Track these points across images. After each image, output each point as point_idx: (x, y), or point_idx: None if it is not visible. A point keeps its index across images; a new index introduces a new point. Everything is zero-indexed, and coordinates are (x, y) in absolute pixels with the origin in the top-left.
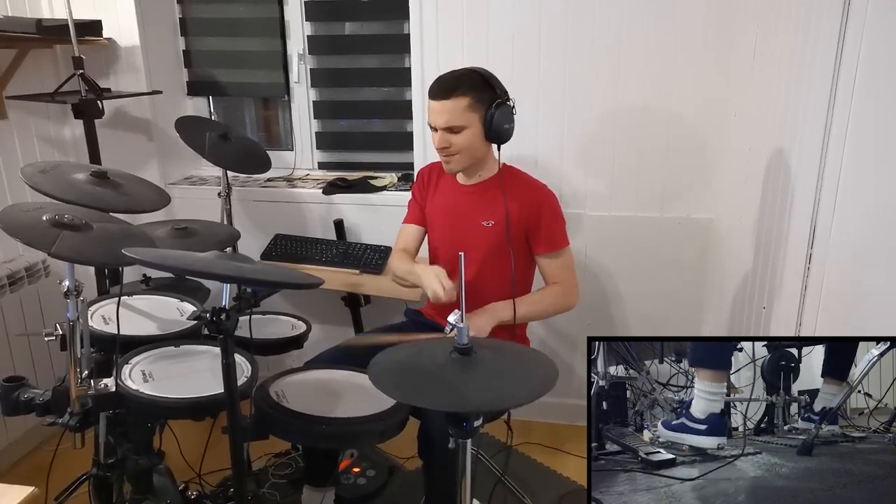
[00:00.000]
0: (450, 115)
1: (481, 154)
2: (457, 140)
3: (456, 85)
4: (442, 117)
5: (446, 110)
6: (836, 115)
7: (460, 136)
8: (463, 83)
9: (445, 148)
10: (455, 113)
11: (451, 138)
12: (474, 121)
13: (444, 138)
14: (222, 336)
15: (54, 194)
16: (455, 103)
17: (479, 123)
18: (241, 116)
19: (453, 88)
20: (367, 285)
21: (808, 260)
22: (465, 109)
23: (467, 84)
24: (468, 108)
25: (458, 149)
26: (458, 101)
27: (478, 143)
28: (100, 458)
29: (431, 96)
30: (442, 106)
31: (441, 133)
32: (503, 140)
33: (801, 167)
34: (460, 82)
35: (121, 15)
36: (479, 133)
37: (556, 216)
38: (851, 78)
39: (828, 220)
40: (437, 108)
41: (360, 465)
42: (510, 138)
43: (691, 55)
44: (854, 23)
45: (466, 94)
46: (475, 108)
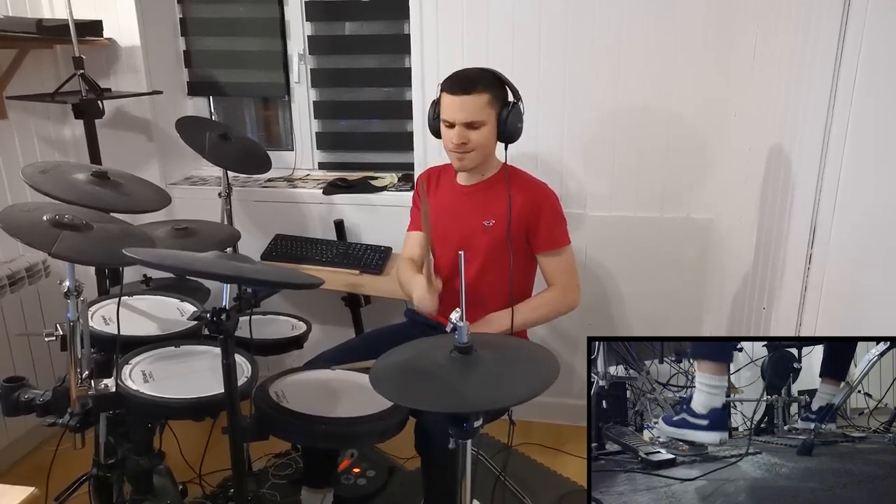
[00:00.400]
0: (471, 110)
1: (492, 152)
2: (474, 136)
3: (477, 81)
4: (463, 112)
5: (468, 106)
6: (836, 115)
7: (478, 132)
8: (483, 80)
9: (463, 144)
10: (476, 108)
11: (470, 134)
12: (492, 118)
13: (463, 134)
14: (222, 336)
15: (54, 194)
16: (476, 99)
17: (495, 120)
18: (242, 116)
19: (474, 84)
20: (367, 285)
21: (808, 260)
22: (485, 105)
23: (487, 81)
24: (488, 104)
25: (475, 145)
26: (479, 96)
27: (492, 141)
28: (100, 459)
29: (451, 91)
30: (463, 101)
31: (459, 128)
32: (513, 140)
33: (801, 167)
34: (480, 79)
35: (121, 15)
36: (494, 130)
37: (556, 215)
38: (851, 78)
39: (828, 220)
40: (458, 104)
41: (360, 465)
42: (519, 139)
43: (691, 55)
44: (854, 23)
45: (486, 90)
46: (493, 105)
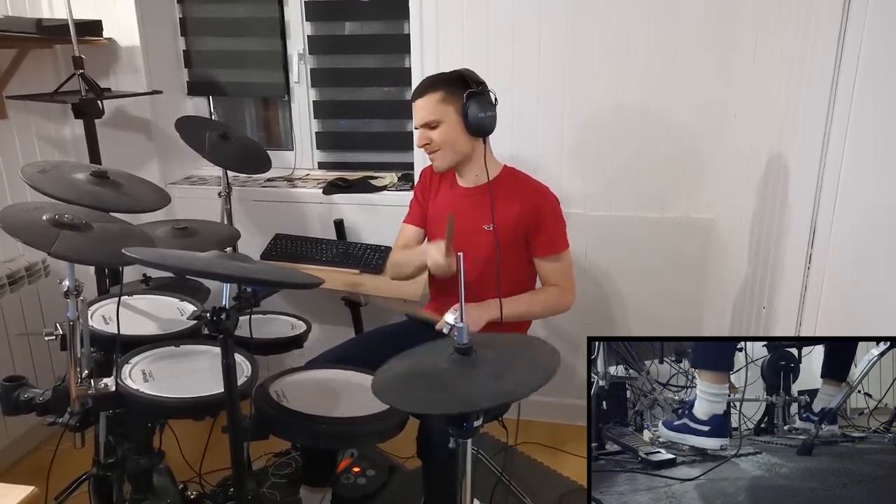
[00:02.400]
0: (423, 111)
1: (465, 149)
2: (435, 135)
3: (429, 83)
4: (418, 115)
5: (420, 107)
6: (836, 115)
7: (437, 131)
8: (436, 81)
9: (427, 145)
10: (428, 109)
11: (429, 134)
12: (449, 113)
13: (423, 135)
14: (222, 336)
15: (54, 194)
16: (428, 99)
17: (455, 115)
18: (241, 116)
19: (427, 86)
20: (367, 285)
21: (808, 260)
22: (437, 103)
23: (440, 80)
24: (440, 101)
25: (438, 144)
26: (430, 96)
27: (457, 137)
28: (100, 458)
29: (411, 99)
30: (417, 105)
31: (420, 130)
32: (486, 131)
33: (800, 167)
34: (434, 80)
35: (121, 15)
36: (456, 126)
37: (556, 219)
38: (851, 78)
39: (828, 220)
40: (415, 108)
41: (360, 465)
42: (493, 129)
43: (691, 55)
44: (854, 23)
45: (438, 89)
46: (448, 101)
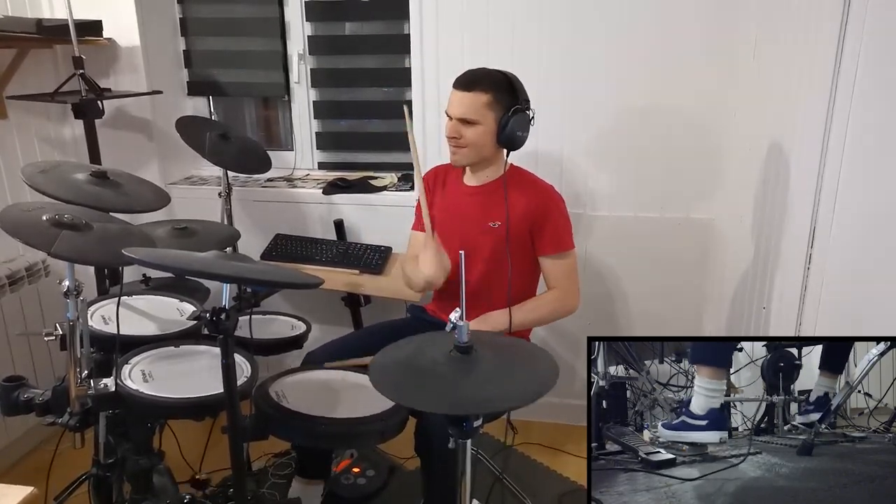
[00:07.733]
0: (467, 107)
1: (488, 154)
2: (468, 133)
3: (480, 79)
4: (459, 108)
5: (464, 102)
6: (836, 114)
7: (472, 130)
8: (487, 80)
9: (455, 138)
10: (472, 106)
11: (463, 130)
12: (489, 119)
13: (456, 128)
14: (222, 336)
15: (54, 194)
16: (474, 97)
17: (493, 123)
18: (241, 116)
19: (476, 82)
20: (367, 285)
21: (808, 260)
22: (482, 105)
23: (491, 82)
24: (486, 105)
25: (467, 142)
26: (478, 95)
27: (487, 143)
28: (100, 458)
29: (455, 86)
30: (461, 97)
31: (454, 122)
32: (515, 147)
33: (801, 167)
34: (485, 79)
35: (121, 15)
36: (490, 133)
37: (563, 219)
38: (851, 78)
39: (828, 220)
40: (457, 98)
41: (360, 465)
42: (521, 147)
43: (691, 55)
44: (854, 23)
45: (488, 91)
46: (493, 107)
